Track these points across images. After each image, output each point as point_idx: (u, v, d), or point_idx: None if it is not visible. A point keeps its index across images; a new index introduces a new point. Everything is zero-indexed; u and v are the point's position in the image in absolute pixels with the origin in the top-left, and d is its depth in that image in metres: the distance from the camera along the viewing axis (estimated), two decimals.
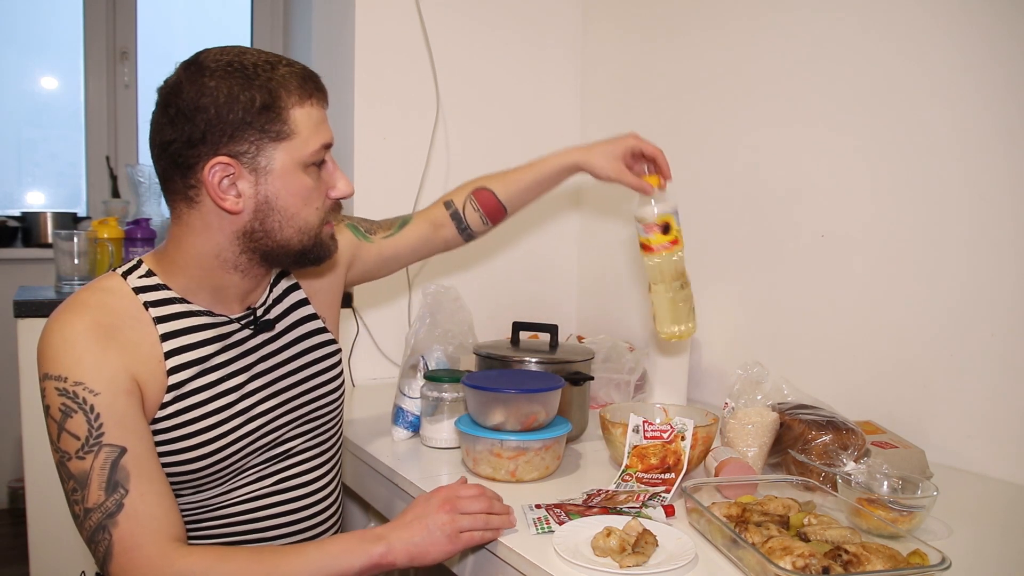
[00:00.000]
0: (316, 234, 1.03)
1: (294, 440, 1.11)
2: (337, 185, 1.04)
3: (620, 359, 1.67)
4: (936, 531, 1.00)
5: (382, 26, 1.86)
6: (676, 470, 1.12)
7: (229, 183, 0.96)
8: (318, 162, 1.01)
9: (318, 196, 1.02)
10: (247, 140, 0.94)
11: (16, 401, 1.65)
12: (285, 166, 0.97)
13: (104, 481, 0.89)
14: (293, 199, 0.99)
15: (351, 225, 1.30)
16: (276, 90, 0.95)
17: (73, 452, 0.89)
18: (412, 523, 0.97)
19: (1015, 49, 1.22)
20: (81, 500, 0.89)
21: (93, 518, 0.89)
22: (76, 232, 1.89)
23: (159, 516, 0.90)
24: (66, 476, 0.90)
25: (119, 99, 3.02)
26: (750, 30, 1.65)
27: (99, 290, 0.98)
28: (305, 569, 0.91)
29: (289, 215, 0.99)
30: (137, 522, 0.89)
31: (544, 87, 2.10)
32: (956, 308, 1.30)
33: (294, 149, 0.97)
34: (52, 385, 0.91)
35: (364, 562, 0.93)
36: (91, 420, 0.90)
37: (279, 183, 0.97)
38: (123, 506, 0.89)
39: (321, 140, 0.99)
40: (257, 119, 0.94)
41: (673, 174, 1.30)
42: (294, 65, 0.99)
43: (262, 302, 1.10)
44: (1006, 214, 1.23)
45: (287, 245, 1.01)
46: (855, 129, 1.45)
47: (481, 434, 1.17)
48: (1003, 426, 1.24)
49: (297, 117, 0.96)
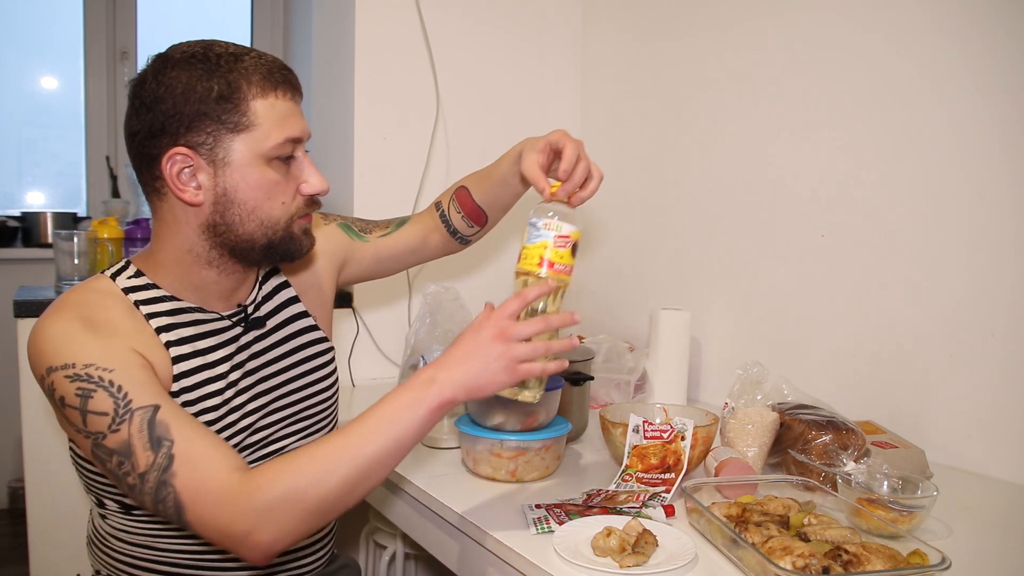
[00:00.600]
0: (283, 229, 1.00)
1: (286, 439, 1.10)
2: (308, 181, 1.01)
3: (620, 359, 1.67)
4: (936, 531, 1.00)
5: (382, 26, 1.86)
6: (676, 470, 1.12)
7: (189, 175, 0.95)
8: (283, 156, 0.98)
9: (283, 191, 0.99)
10: (204, 131, 0.93)
11: (16, 401, 1.65)
12: (244, 158, 0.95)
13: (147, 441, 0.86)
14: (253, 192, 0.96)
15: (343, 224, 1.29)
16: (236, 81, 0.93)
17: (106, 428, 0.86)
18: (466, 360, 0.91)
19: (1014, 50, 1.22)
20: (131, 469, 0.86)
21: (149, 480, 0.86)
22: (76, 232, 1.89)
23: (212, 454, 0.87)
24: (106, 455, 0.87)
25: (119, 99, 3.02)
26: (750, 31, 1.65)
27: (87, 291, 0.98)
28: (376, 441, 0.88)
29: (249, 208, 0.97)
30: (194, 466, 0.86)
31: (544, 87, 2.10)
32: (956, 308, 1.30)
33: (254, 141, 0.95)
34: (60, 376, 0.88)
35: (427, 409, 0.89)
36: (114, 393, 0.87)
37: (237, 175, 0.95)
38: (174, 456, 0.86)
39: (285, 134, 0.96)
40: (214, 109, 0.92)
41: (673, 174, 1.28)
42: (263, 57, 0.97)
43: (251, 300, 1.10)
44: (1006, 214, 1.23)
45: (251, 239, 0.99)
46: (855, 129, 1.45)
47: (481, 434, 1.17)
48: (1003, 426, 1.24)
49: (258, 109, 0.94)
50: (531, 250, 1.00)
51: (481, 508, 1.06)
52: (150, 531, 1.02)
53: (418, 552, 1.71)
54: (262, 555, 0.86)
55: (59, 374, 0.88)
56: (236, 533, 0.84)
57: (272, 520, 0.84)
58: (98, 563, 1.09)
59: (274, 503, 0.84)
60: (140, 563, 1.03)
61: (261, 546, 0.85)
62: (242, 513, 0.84)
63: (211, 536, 0.86)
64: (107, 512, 1.04)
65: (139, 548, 1.03)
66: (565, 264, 0.99)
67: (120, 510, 1.02)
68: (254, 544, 0.85)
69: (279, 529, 0.85)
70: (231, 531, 0.85)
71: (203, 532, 0.86)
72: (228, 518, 0.84)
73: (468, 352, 0.92)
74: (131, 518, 1.02)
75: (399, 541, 1.71)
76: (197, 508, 0.85)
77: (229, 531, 0.85)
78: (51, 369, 0.89)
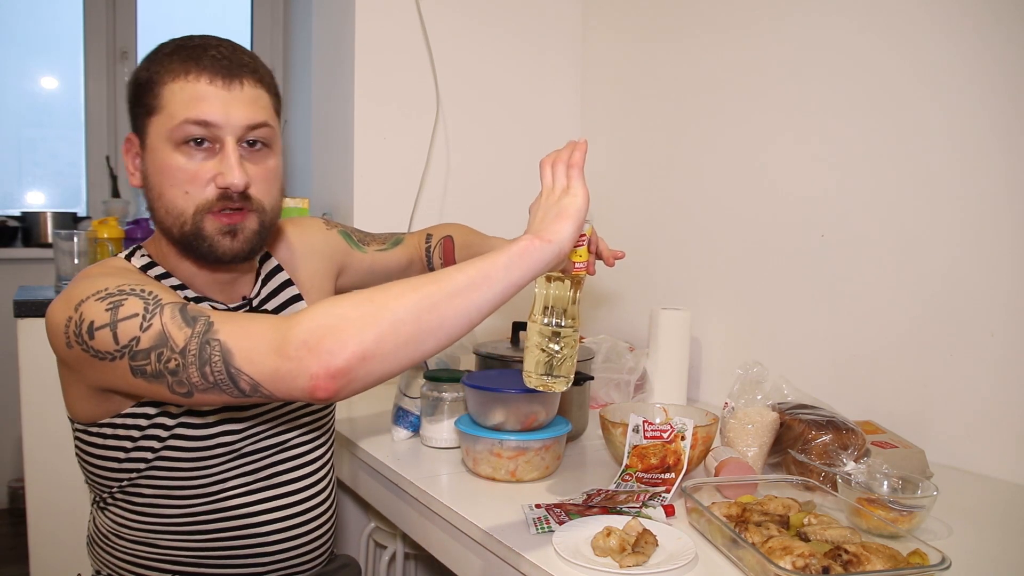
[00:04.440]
0: (191, 223, 0.95)
1: (286, 434, 1.11)
2: (223, 172, 0.94)
3: (620, 359, 1.67)
4: (936, 531, 1.00)
5: (382, 26, 1.86)
6: (676, 470, 1.12)
7: (132, 158, 1.00)
8: (191, 139, 0.93)
9: (190, 180, 0.94)
10: (136, 116, 0.98)
11: (16, 401, 1.65)
12: (153, 142, 0.96)
13: (181, 322, 0.84)
14: (158, 176, 0.96)
15: (344, 232, 1.31)
16: (156, 66, 0.95)
17: (138, 329, 0.84)
18: (557, 218, 0.89)
19: (1012, 51, 1.22)
20: (171, 353, 0.83)
21: (191, 348, 0.82)
22: (76, 232, 1.89)
23: (252, 316, 0.86)
24: (144, 357, 0.84)
25: (119, 99, 3.02)
26: (750, 31, 1.65)
27: (105, 264, 1.00)
28: (460, 273, 0.83)
29: (156, 194, 0.97)
30: (235, 321, 0.84)
31: (544, 87, 2.10)
32: (956, 308, 1.30)
33: (159, 123, 0.94)
34: (91, 301, 0.86)
35: (515, 248, 0.85)
36: (143, 295, 0.86)
37: (150, 158, 0.97)
38: (212, 322, 0.83)
39: (187, 114, 0.92)
40: (138, 94, 0.96)
41: (673, 173, 1.29)
42: (208, 48, 0.95)
43: (255, 293, 1.11)
44: (1004, 214, 1.23)
45: (167, 230, 0.97)
46: (855, 129, 1.45)
47: (481, 434, 1.17)
48: (1003, 426, 1.24)
49: (167, 91, 0.94)
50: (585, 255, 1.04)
51: (481, 508, 1.06)
52: (152, 527, 1.03)
53: (418, 552, 1.71)
54: (325, 371, 0.78)
55: (90, 300, 0.87)
56: (291, 352, 0.79)
57: (331, 330, 0.78)
58: (98, 563, 1.09)
59: (332, 316, 0.79)
60: (141, 561, 1.04)
61: (321, 359, 0.78)
62: (294, 335, 0.79)
63: (265, 375, 0.81)
64: (109, 508, 1.04)
65: (140, 546, 1.04)
66: (583, 261, 1.02)
67: (124, 505, 1.03)
68: (315, 363, 0.78)
69: (342, 339, 0.78)
70: (286, 351, 0.79)
71: (256, 374, 0.81)
72: (279, 342, 0.79)
73: (552, 212, 0.90)
74: (134, 514, 1.03)
75: (399, 541, 1.71)
76: (244, 348, 0.81)
77: (284, 351, 0.79)
78: (81, 301, 0.87)
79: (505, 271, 0.84)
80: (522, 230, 0.93)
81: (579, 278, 1.03)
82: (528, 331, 1.02)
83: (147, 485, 1.01)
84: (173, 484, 1.01)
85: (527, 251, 0.85)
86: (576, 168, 0.93)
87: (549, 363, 1.01)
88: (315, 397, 0.80)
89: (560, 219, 0.89)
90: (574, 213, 0.89)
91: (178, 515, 1.03)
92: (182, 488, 1.02)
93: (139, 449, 0.99)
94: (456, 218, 1.99)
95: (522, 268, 0.85)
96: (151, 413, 0.98)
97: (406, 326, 0.80)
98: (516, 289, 0.85)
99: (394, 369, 0.82)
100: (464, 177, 2.01)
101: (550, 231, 0.87)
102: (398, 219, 1.91)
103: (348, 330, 0.78)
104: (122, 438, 0.99)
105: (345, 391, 0.80)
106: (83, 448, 1.02)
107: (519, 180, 2.06)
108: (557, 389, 1.03)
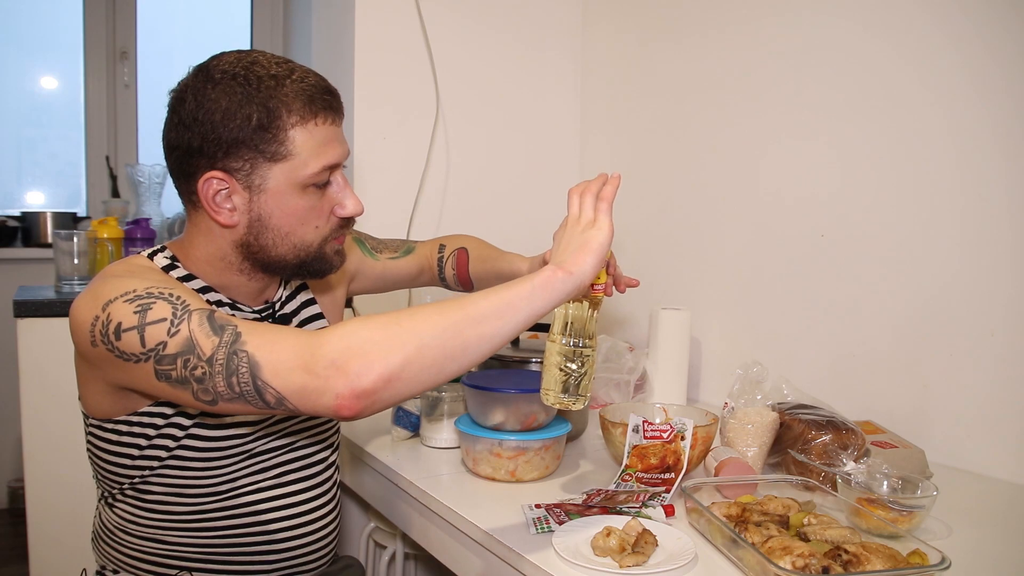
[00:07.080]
0: (316, 251, 1.01)
1: (295, 435, 1.11)
2: (345, 204, 1.01)
3: (620, 359, 1.67)
4: (936, 531, 1.00)
5: (382, 26, 1.86)
6: (676, 470, 1.12)
7: (224, 197, 0.95)
8: (319, 183, 0.97)
9: (318, 215, 0.99)
10: (242, 157, 0.93)
11: (16, 401, 1.65)
12: (279, 186, 0.95)
13: (209, 330, 0.84)
14: (287, 219, 0.97)
15: (357, 240, 1.32)
16: (276, 108, 0.92)
17: (166, 334, 0.84)
18: (579, 250, 0.91)
19: (1011, 52, 1.22)
20: (198, 361, 0.83)
21: (219, 358, 0.83)
22: (76, 232, 1.89)
23: (279, 328, 0.86)
24: (169, 362, 0.84)
25: (119, 99, 3.02)
26: (749, 31, 1.65)
27: (129, 263, 0.99)
28: (485, 300, 0.86)
29: (283, 234, 0.98)
30: (262, 334, 0.84)
31: (544, 88, 2.10)
32: (956, 308, 1.30)
33: (291, 170, 0.94)
34: (120, 302, 0.87)
35: (538, 279, 0.88)
36: (172, 300, 0.87)
37: (272, 203, 0.96)
38: (240, 332, 0.84)
39: (323, 162, 0.96)
40: (252, 138, 0.92)
41: (673, 173, 1.29)
42: (307, 79, 0.95)
43: (278, 297, 1.12)
44: (1004, 213, 1.24)
45: (283, 260, 1.00)
46: (856, 129, 1.45)
47: (481, 434, 1.17)
48: (1003, 426, 1.24)
49: (297, 137, 0.93)
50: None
51: (481, 508, 1.06)
52: (161, 524, 1.03)
53: (418, 552, 1.71)
54: (351, 391, 0.80)
55: (118, 301, 0.87)
56: (319, 370, 0.80)
57: (359, 351, 0.80)
58: (103, 559, 1.09)
59: (360, 338, 0.81)
60: (148, 557, 1.04)
61: (348, 379, 0.80)
62: (323, 353, 0.81)
63: (291, 390, 0.82)
64: (117, 504, 1.04)
65: (147, 542, 1.04)
66: (601, 283, 1.05)
67: (133, 501, 1.03)
68: (341, 382, 0.80)
69: (369, 360, 0.80)
70: (313, 368, 0.80)
71: (283, 389, 0.82)
72: (307, 359, 0.81)
73: (577, 244, 0.93)
74: (142, 510, 1.03)
75: (399, 541, 1.71)
76: (272, 362, 0.82)
77: (312, 369, 0.80)
78: (109, 301, 0.88)
79: (527, 301, 0.87)
80: (521, 231, 0.93)
81: (598, 300, 1.05)
82: (547, 350, 1.04)
83: (158, 482, 1.02)
84: (184, 481, 1.02)
85: (549, 282, 0.88)
86: (605, 202, 0.95)
87: (567, 382, 1.02)
88: (339, 415, 0.82)
89: (583, 251, 0.91)
90: (596, 248, 0.91)
91: (187, 512, 1.03)
92: (193, 486, 1.02)
93: (153, 447, 0.99)
94: (455, 218, 1.99)
95: (543, 299, 0.88)
96: (168, 413, 0.98)
97: (431, 350, 0.83)
98: (537, 318, 0.89)
99: (416, 391, 0.84)
100: (463, 177, 2.01)
101: (572, 263, 0.90)
102: (398, 219, 1.91)
103: (375, 352, 0.81)
104: (137, 436, 0.99)
105: (368, 411, 0.83)
106: (96, 444, 1.02)
107: (518, 180, 2.06)
108: (575, 407, 1.04)
